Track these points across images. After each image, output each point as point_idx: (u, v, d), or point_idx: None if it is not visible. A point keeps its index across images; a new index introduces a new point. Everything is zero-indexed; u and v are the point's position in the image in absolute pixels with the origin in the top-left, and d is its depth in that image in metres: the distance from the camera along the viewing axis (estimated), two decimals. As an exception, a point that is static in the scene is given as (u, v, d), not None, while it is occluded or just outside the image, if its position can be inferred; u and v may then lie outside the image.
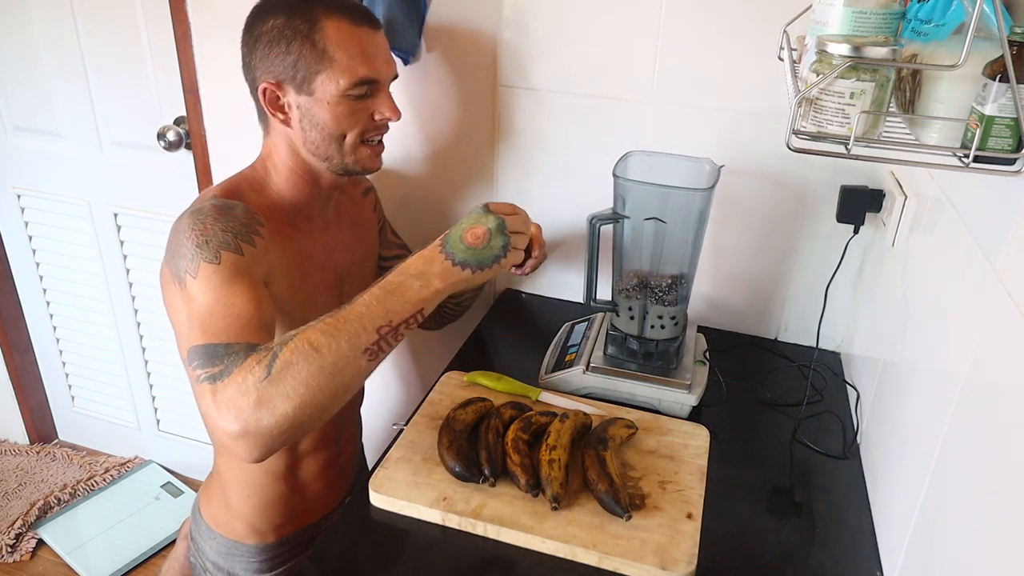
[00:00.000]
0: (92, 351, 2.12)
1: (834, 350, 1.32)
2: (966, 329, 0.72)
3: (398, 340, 0.84)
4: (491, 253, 0.89)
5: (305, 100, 0.99)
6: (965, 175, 0.71)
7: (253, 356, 0.79)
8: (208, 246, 0.88)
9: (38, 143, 1.86)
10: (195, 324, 0.85)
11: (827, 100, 0.65)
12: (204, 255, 0.88)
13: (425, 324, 1.36)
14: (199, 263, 0.87)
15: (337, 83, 0.97)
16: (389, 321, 0.83)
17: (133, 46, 1.62)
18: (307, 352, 0.78)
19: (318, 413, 0.79)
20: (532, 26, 1.27)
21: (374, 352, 0.82)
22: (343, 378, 0.79)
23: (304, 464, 1.17)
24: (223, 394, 0.77)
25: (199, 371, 0.80)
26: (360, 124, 1.02)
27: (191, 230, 0.90)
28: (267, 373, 0.77)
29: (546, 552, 0.87)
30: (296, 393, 0.77)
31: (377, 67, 1.00)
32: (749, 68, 1.18)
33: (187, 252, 0.88)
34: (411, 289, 0.85)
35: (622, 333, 1.16)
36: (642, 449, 1.02)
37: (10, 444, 2.27)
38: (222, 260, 0.88)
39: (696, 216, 1.07)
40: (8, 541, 1.93)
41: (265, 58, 0.98)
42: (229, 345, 0.81)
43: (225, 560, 1.17)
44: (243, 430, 0.76)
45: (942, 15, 0.69)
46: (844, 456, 1.06)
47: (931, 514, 0.74)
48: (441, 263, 0.87)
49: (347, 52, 0.97)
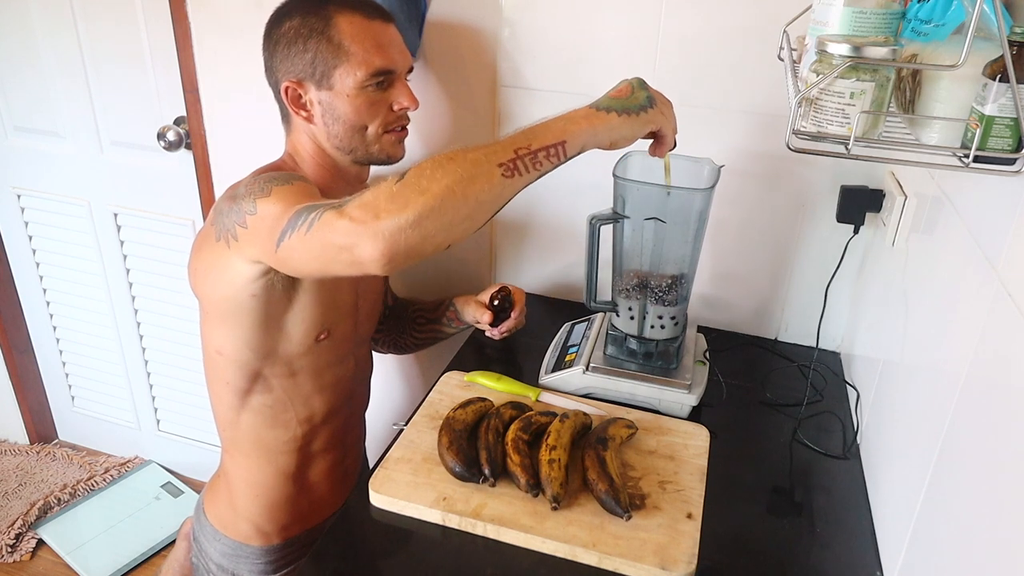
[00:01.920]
0: (92, 351, 2.12)
1: (834, 350, 1.32)
2: (966, 329, 0.72)
3: (535, 168, 0.80)
4: (636, 102, 0.87)
5: (326, 95, 1.02)
6: (965, 175, 0.71)
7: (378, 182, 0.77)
8: (276, 179, 0.89)
9: (38, 143, 1.86)
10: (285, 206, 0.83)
11: (827, 100, 0.65)
12: (275, 182, 0.88)
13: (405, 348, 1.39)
14: (271, 187, 0.87)
15: (355, 75, 1.00)
16: (528, 144, 0.80)
17: (133, 46, 1.62)
18: (440, 160, 0.76)
19: (448, 220, 0.75)
20: (532, 26, 1.27)
21: (509, 168, 0.78)
22: (475, 188, 0.76)
23: (314, 465, 1.17)
24: (350, 209, 0.75)
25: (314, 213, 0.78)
26: (380, 115, 1.04)
27: (252, 181, 0.90)
28: (399, 179, 0.76)
29: (546, 552, 0.87)
30: (429, 189, 0.74)
31: (392, 57, 1.03)
32: (749, 68, 1.18)
33: (250, 191, 0.88)
34: (555, 124, 0.83)
35: (622, 333, 1.16)
36: (642, 449, 1.02)
37: (10, 444, 2.27)
38: (295, 183, 0.89)
39: (696, 216, 1.07)
40: (8, 541, 1.93)
41: (285, 59, 1.02)
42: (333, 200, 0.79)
43: (229, 561, 1.18)
44: (374, 222, 0.73)
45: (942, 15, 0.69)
46: (844, 456, 1.06)
47: (931, 514, 0.74)
48: (587, 109, 0.85)
49: (362, 45, 1.00)
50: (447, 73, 1.35)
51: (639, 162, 1.14)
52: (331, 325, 1.08)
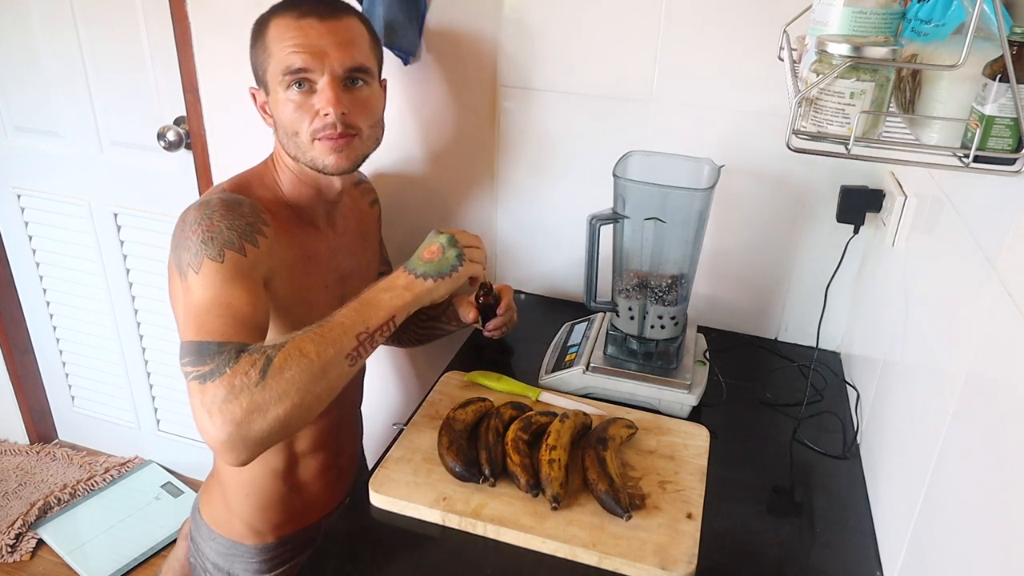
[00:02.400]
0: (92, 351, 2.12)
1: (834, 350, 1.32)
2: (966, 329, 0.72)
3: (374, 346, 0.91)
4: (448, 263, 0.99)
5: (270, 99, 1.02)
6: (965, 175, 0.71)
7: (245, 358, 0.81)
8: (213, 243, 0.90)
9: (38, 143, 1.86)
10: (190, 319, 0.87)
11: (827, 100, 0.65)
12: (208, 251, 0.89)
13: (407, 341, 1.38)
14: (203, 259, 0.89)
15: (277, 76, 0.98)
16: (366, 328, 0.90)
17: (133, 46, 1.62)
18: (299, 358, 0.82)
19: (306, 414, 0.84)
20: (532, 26, 1.27)
21: (354, 357, 0.88)
22: (329, 381, 0.85)
23: (303, 464, 1.17)
24: (212, 395, 0.79)
25: (189, 368, 0.82)
26: (306, 119, 0.99)
27: (198, 224, 0.91)
28: (261, 377, 0.80)
29: (546, 552, 0.87)
30: (288, 397, 0.81)
31: (311, 57, 0.96)
32: (749, 68, 1.18)
33: (192, 246, 0.90)
34: (383, 300, 0.93)
35: (622, 333, 1.16)
36: (642, 449, 1.02)
37: (10, 444, 2.27)
38: (225, 259, 0.90)
39: (696, 216, 1.07)
40: (8, 541, 1.93)
41: (250, 62, 1.03)
42: (221, 344, 0.83)
43: (225, 560, 1.17)
44: (232, 436, 0.79)
45: (942, 15, 0.69)
46: (844, 456, 1.06)
47: (931, 514, 0.74)
48: (405, 277, 0.96)
49: (281, 44, 0.97)
50: (447, 73, 1.35)
51: (639, 162, 1.15)
52: None
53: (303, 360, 0.82)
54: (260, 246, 0.94)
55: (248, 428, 0.79)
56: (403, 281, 0.96)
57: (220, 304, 0.87)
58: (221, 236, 0.90)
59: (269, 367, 0.81)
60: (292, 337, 0.85)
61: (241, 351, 0.82)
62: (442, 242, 1.00)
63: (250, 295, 0.89)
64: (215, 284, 0.88)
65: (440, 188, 1.45)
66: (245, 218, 0.94)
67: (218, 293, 0.88)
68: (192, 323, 0.86)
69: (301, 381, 0.81)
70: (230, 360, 0.81)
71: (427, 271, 0.97)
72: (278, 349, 0.82)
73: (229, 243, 0.91)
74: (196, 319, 0.86)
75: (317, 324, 0.88)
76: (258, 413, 0.79)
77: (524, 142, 1.37)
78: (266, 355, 0.81)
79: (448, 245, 1.00)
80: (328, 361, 0.84)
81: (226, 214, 0.93)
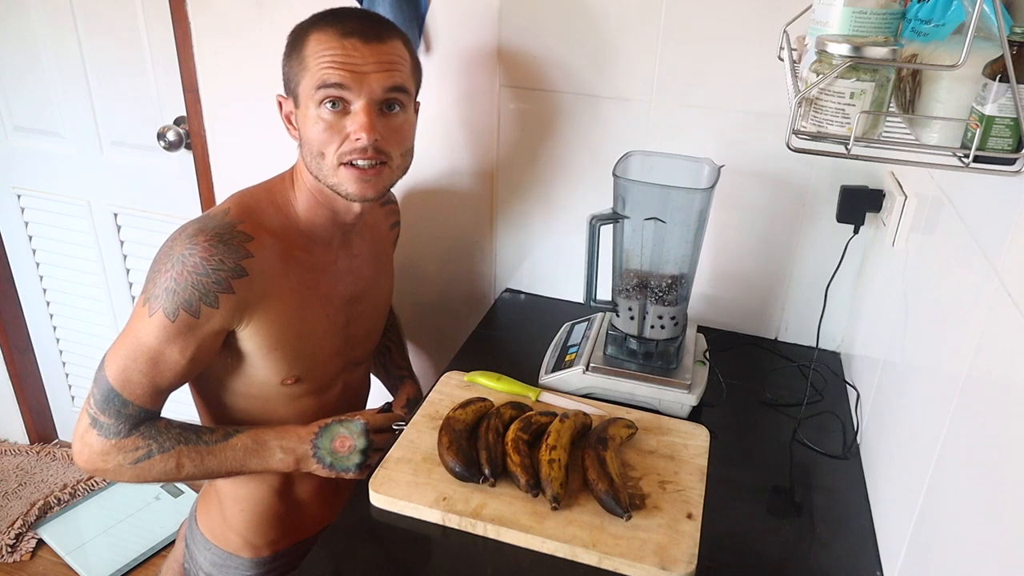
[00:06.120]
0: (92, 351, 2.12)
1: (834, 350, 1.32)
2: (966, 329, 0.72)
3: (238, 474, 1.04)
4: (345, 464, 1.05)
5: (299, 112, 0.98)
6: (965, 175, 0.71)
7: (136, 438, 0.95)
8: (173, 298, 0.92)
9: (38, 143, 1.86)
10: (122, 351, 0.94)
11: (827, 100, 0.65)
12: (165, 305, 0.92)
13: None
14: (159, 308, 0.92)
15: (310, 91, 0.94)
16: (242, 468, 1.02)
17: (133, 46, 1.62)
18: (171, 467, 0.97)
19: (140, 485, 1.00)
20: (532, 26, 1.27)
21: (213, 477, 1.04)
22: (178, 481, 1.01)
23: (301, 482, 1.16)
24: (92, 442, 0.94)
25: (92, 404, 0.95)
26: (335, 141, 0.95)
27: (172, 265, 0.93)
28: (135, 462, 0.95)
29: (546, 552, 0.87)
30: (139, 479, 0.98)
31: (349, 76, 0.92)
32: (749, 68, 1.18)
33: (159, 284, 0.93)
34: (273, 457, 1.03)
35: (622, 333, 1.16)
36: (642, 449, 1.02)
37: (10, 444, 2.27)
38: (177, 319, 0.93)
39: (696, 216, 1.07)
40: (8, 541, 1.93)
41: (283, 72, 1.00)
42: (128, 405, 0.94)
43: (218, 571, 1.17)
44: (84, 469, 0.97)
45: (942, 15, 0.69)
46: (844, 456, 1.06)
47: (931, 514, 0.74)
48: (306, 451, 1.04)
49: (320, 59, 0.93)
50: (447, 73, 1.35)
51: (639, 162, 1.15)
52: (300, 372, 1.06)
53: (172, 470, 0.97)
54: (220, 306, 0.94)
55: (99, 473, 0.97)
56: (301, 452, 1.03)
57: (150, 360, 0.94)
58: (183, 293, 0.92)
59: (146, 460, 0.95)
60: (181, 446, 0.97)
61: (138, 425, 0.95)
62: (355, 437, 1.05)
63: (182, 356, 0.95)
64: (158, 337, 0.93)
65: (440, 188, 1.45)
66: (219, 271, 0.93)
67: (155, 346, 0.93)
68: (121, 359, 0.94)
69: (155, 477, 0.97)
70: (123, 430, 0.94)
71: (326, 459, 1.04)
72: (162, 450, 0.96)
73: (187, 304, 0.92)
74: (125, 359, 0.94)
75: (215, 440, 1.00)
76: (111, 474, 0.96)
77: (524, 142, 1.37)
78: (150, 448, 0.96)
79: (358, 452, 1.04)
80: (189, 475, 0.99)
81: (200, 263, 0.92)
